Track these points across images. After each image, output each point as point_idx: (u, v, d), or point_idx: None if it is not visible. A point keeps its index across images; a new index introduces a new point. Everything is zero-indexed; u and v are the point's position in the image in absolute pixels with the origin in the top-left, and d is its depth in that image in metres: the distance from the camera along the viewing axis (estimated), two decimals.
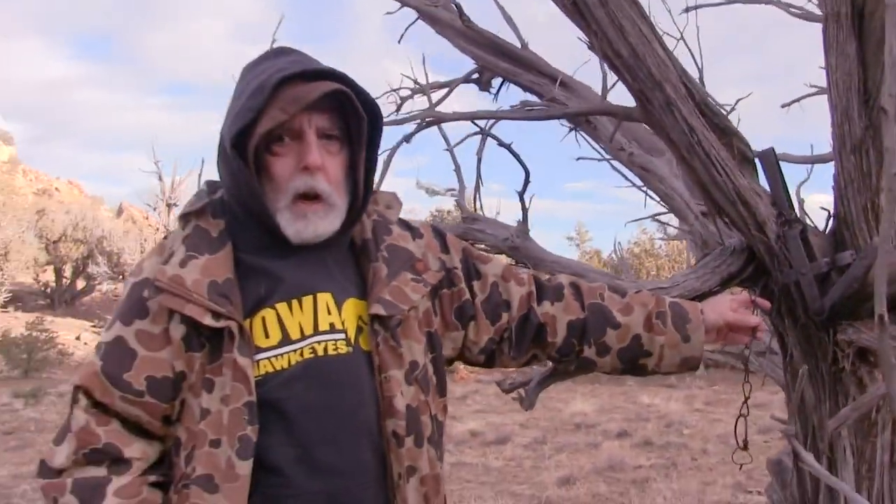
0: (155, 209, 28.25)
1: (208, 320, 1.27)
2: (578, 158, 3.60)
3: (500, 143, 2.23)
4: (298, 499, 1.31)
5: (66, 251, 27.62)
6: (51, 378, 17.05)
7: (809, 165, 3.87)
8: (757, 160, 2.09)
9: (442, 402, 1.51)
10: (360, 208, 1.45)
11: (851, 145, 2.06)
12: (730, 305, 1.67)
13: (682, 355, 1.61)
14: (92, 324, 25.58)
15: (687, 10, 4.09)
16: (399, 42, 4.05)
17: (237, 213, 1.40)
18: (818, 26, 2.17)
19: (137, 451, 1.34)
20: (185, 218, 1.40)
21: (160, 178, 27.80)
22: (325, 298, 1.38)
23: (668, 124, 1.84)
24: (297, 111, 1.30)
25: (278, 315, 1.35)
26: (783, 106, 4.31)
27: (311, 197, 1.35)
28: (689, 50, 3.87)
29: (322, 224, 1.36)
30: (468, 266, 1.58)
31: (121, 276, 26.57)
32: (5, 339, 18.02)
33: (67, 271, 28.48)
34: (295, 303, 1.35)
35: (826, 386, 2.16)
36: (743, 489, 6.97)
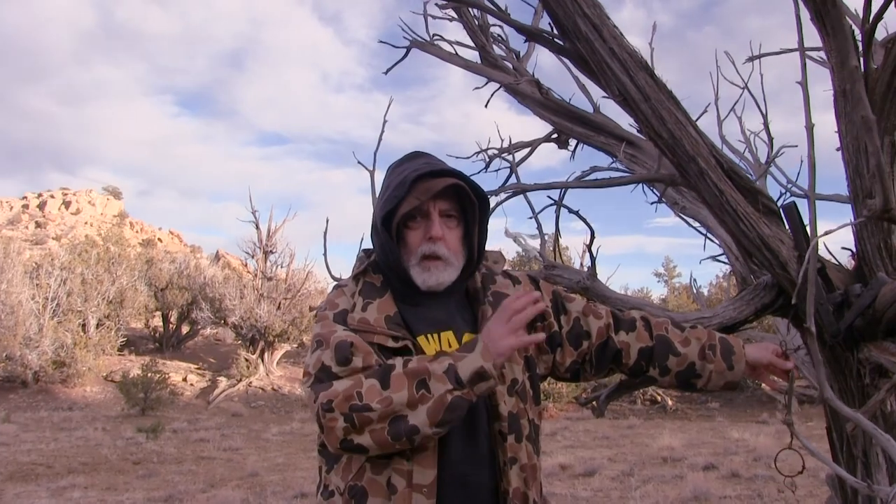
0: (252, 256, 29.02)
1: (391, 343, 1.75)
2: (652, 203, 4.04)
3: (571, 211, 2.71)
4: (441, 480, 1.70)
5: (173, 298, 28.80)
6: (164, 416, 18.09)
7: None
8: (782, 212, 2.53)
9: (538, 409, 1.94)
10: (475, 267, 1.93)
11: (863, 197, 2.46)
12: (772, 350, 2.07)
13: (726, 379, 2.04)
14: (196, 366, 26.60)
15: (751, 58, 4.48)
16: (486, 106, 4.60)
17: (385, 271, 1.89)
18: None
19: None
20: (356, 278, 1.90)
21: (257, 227, 28.65)
22: (447, 335, 1.83)
23: (702, 189, 2.31)
24: (426, 199, 1.81)
25: (419, 345, 1.80)
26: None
27: (434, 258, 1.83)
28: (753, 97, 4.30)
29: (441, 275, 1.83)
30: (557, 304, 2.04)
31: (222, 321, 27.49)
32: (125, 381, 19.19)
33: (173, 317, 29.60)
34: (429, 336, 1.82)
35: (855, 398, 2.48)
36: (793, 484, 7.03)
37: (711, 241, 3.68)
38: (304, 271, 28.38)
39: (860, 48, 2.36)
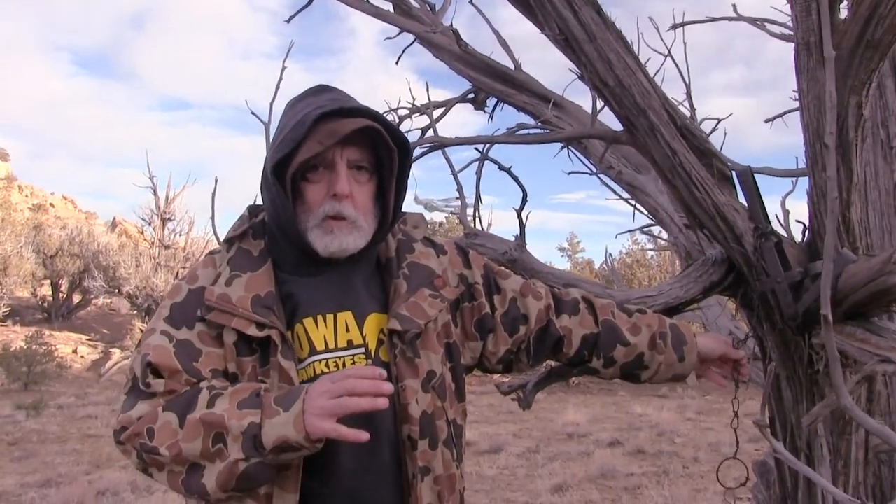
0: (150, 223, 28.18)
1: (252, 331, 1.40)
2: (570, 173, 3.70)
3: (501, 167, 2.34)
4: (322, 496, 1.42)
5: (63, 266, 27.43)
6: (49, 391, 17.06)
7: (794, 178, 3.98)
8: (735, 178, 2.24)
9: (461, 407, 1.62)
10: (388, 230, 1.58)
11: (822, 163, 2.21)
12: (724, 340, 1.87)
13: (674, 372, 1.81)
14: (88, 337, 25.51)
15: (674, 26, 4.23)
16: (396, 63, 4.24)
17: (275, 233, 1.53)
18: None
19: None
20: (229, 242, 1.55)
21: (155, 193, 27.83)
22: (344, 317, 1.50)
23: (651, 147, 1.99)
24: (331, 144, 1.43)
25: (305, 329, 1.48)
26: (767, 121, 4.41)
27: (338, 218, 1.47)
28: (677, 65, 4.05)
29: (347, 239, 1.48)
30: (489, 281, 1.71)
31: (116, 290, 26.45)
32: (6, 353, 17.99)
33: (64, 285, 28.30)
34: (320, 318, 1.48)
35: (803, 387, 2.27)
36: (734, 496, 7.12)
37: (640, 211, 3.41)
38: (203, 240, 27.53)
39: None
